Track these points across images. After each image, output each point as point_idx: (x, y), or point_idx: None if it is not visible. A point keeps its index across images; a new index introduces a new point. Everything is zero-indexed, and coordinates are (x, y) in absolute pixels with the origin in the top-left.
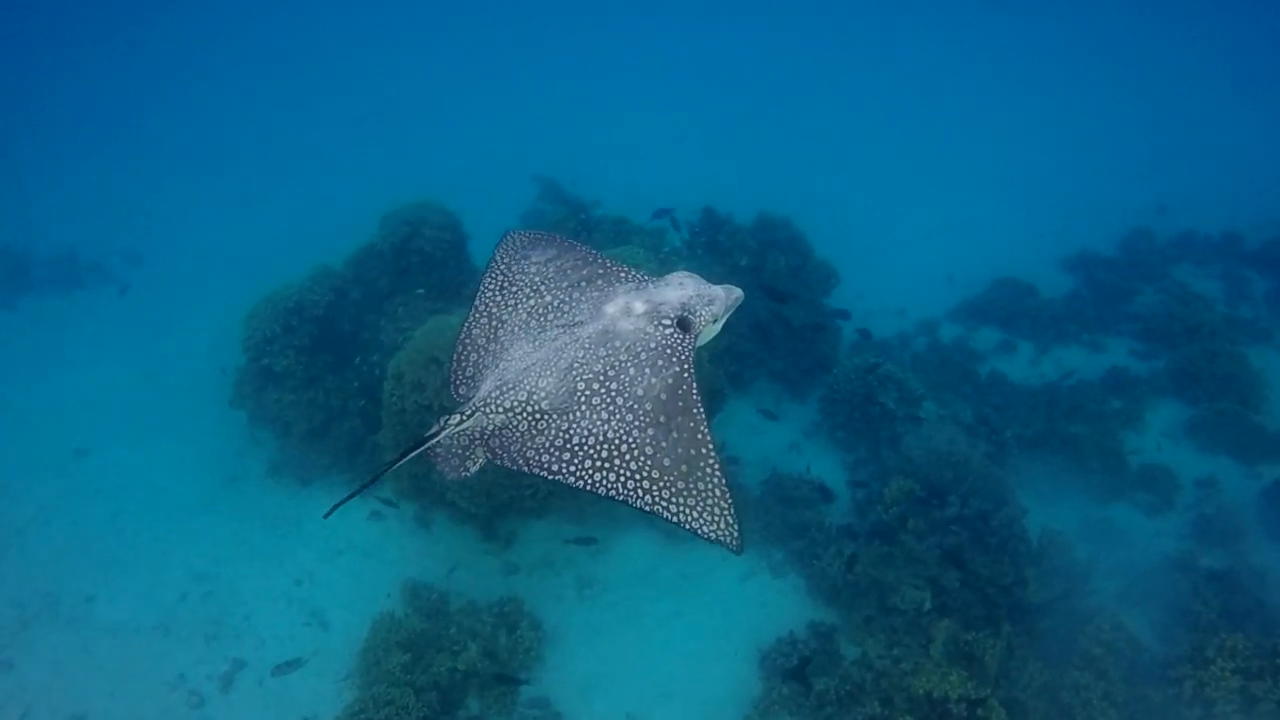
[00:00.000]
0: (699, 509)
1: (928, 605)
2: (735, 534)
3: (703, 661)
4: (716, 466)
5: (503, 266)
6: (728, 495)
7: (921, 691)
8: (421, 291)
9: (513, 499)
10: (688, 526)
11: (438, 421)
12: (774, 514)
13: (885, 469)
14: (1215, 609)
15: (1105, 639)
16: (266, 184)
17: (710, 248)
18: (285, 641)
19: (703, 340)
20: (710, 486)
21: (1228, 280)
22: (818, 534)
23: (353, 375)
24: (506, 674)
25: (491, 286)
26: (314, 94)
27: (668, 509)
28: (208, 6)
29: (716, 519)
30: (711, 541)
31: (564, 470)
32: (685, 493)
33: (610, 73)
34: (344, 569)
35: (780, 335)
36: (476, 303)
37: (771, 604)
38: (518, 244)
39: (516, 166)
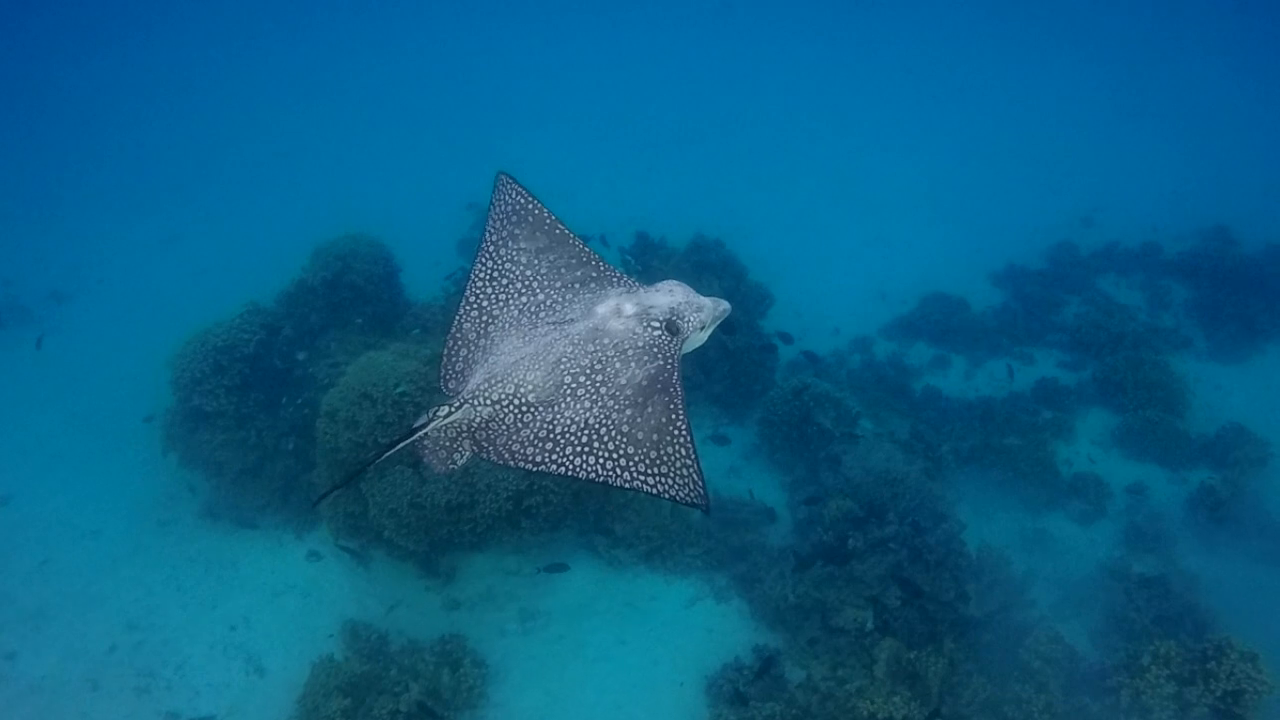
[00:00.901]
0: (671, 476)
1: (870, 625)
2: (701, 491)
3: (649, 690)
4: (684, 429)
5: (492, 249)
6: (693, 453)
7: (866, 713)
8: (360, 321)
9: (451, 534)
10: (667, 495)
11: (427, 413)
12: (716, 538)
13: (824, 489)
14: (1148, 615)
15: (1044, 651)
16: (194, 220)
17: (645, 273)
18: (221, 691)
19: (689, 346)
20: (677, 449)
21: (1149, 290)
22: (760, 557)
23: (285, 414)
24: (431, 709)
25: (481, 275)
26: (238, 127)
27: (646, 482)
28: (127, 42)
29: (684, 480)
30: (684, 505)
31: (546, 460)
32: (658, 461)
33: (540, 97)
34: (281, 612)
35: (717, 359)
36: (467, 294)
37: (716, 629)
38: (508, 204)
39: (450, 195)
